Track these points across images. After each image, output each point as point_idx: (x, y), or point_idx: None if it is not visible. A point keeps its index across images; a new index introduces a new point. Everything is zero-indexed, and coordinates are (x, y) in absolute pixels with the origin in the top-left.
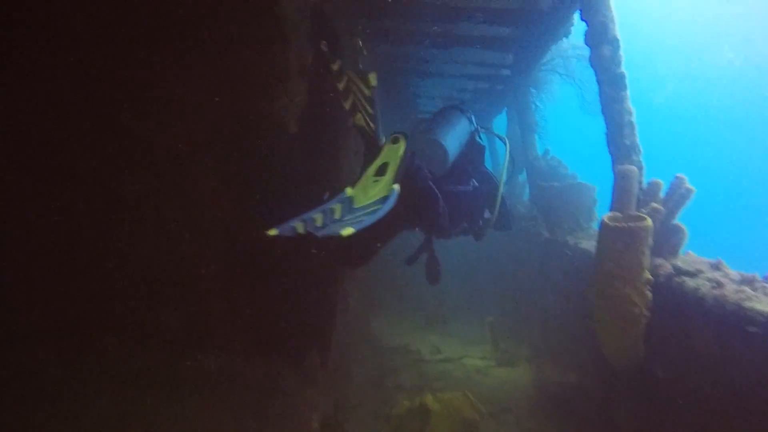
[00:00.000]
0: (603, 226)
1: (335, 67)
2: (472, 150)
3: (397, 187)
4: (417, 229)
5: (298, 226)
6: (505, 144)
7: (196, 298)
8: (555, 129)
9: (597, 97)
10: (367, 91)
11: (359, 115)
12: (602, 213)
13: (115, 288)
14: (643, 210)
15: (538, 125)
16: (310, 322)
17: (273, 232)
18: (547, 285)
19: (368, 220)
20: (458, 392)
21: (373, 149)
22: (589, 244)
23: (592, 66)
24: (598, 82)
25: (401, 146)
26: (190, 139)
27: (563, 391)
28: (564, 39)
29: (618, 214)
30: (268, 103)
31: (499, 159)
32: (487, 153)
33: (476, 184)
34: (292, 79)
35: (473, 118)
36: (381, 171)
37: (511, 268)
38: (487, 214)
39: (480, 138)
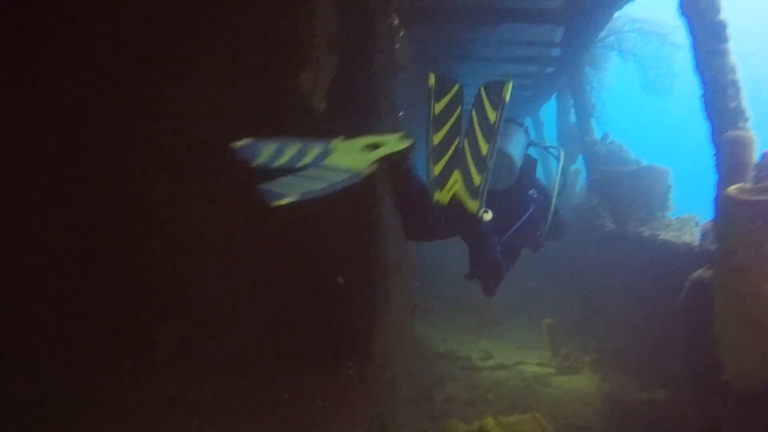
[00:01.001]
0: (728, 202)
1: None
2: (527, 163)
3: (368, 170)
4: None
5: (266, 147)
6: (559, 156)
7: (215, 305)
8: (614, 112)
9: (661, 76)
10: None
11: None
12: (678, 200)
13: (131, 304)
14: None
15: (596, 108)
16: (347, 328)
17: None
18: (612, 283)
19: (309, 195)
20: (526, 415)
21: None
22: (671, 235)
23: (683, 13)
24: (692, 33)
25: (403, 146)
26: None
27: (647, 409)
28: (619, 14)
29: (745, 185)
30: (291, 76)
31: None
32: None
33: (535, 194)
34: (318, 50)
35: (528, 131)
36: (373, 147)
37: (567, 264)
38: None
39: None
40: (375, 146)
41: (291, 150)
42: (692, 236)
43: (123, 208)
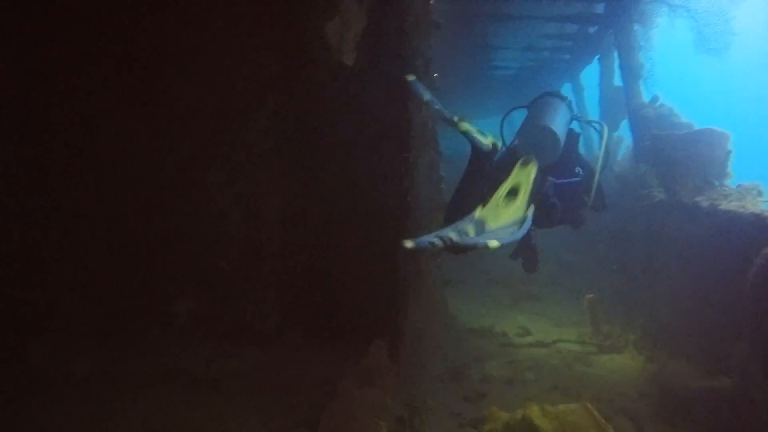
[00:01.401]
0: None
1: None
2: (571, 138)
3: (531, 212)
4: None
5: (436, 241)
6: (602, 131)
7: (238, 278)
8: (664, 73)
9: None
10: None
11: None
12: (738, 168)
13: (153, 275)
14: None
15: (644, 69)
16: (376, 303)
17: (409, 244)
18: (664, 258)
19: (508, 238)
20: (575, 405)
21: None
22: (734, 205)
23: None
24: None
25: (532, 169)
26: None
27: (707, 397)
28: None
29: None
30: (316, 26)
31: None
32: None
33: (581, 171)
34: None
35: (572, 105)
36: (513, 193)
37: (609, 237)
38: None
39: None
40: (514, 190)
41: (452, 235)
42: (758, 206)
43: (150, 189)
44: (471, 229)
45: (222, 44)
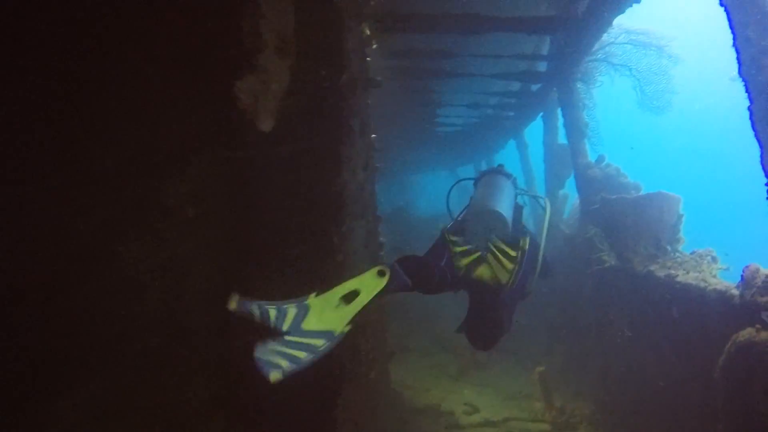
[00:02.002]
0: None
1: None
2: (516, 211)
3: (347, 329)
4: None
5: (254, 310)
6: (545, 206)
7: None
8: (607, 132)
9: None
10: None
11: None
12: (691, 232)
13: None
14: None
15: (588, 127)
16: (308, 393)
17: (233, 304)
18: (614, 325)
19: (296, 364)
20: None
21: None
22: (693, 277)
23: (723, 3)
24: (736, 27)
25: (383, 282)
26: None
27: None
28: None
29: None
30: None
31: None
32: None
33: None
34: (266, 53)
35: (516, 181)
36: (349, 298)
37: (559, 302)
38: None
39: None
40: (353, 294)
41: (272, 312)
42: (719, 281)
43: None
44: (291, 316)
45: (141, 99)
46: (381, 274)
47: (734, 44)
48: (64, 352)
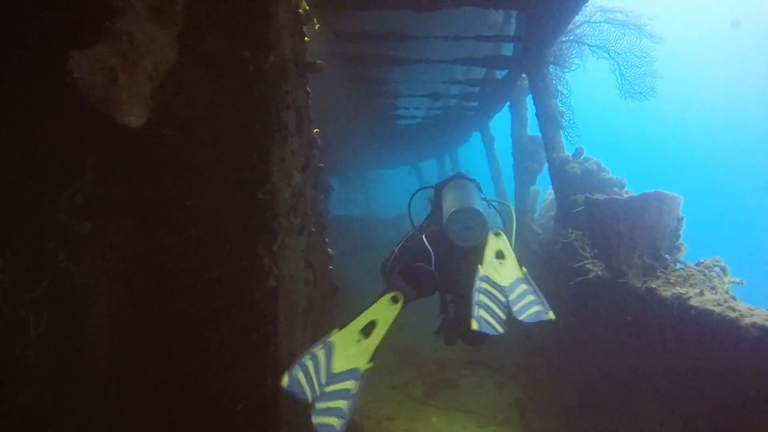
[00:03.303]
0: None
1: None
2: None
3: (371, 365)
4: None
5: (301, 377)
6: (509, 211)
7: None
8: (584, 121)
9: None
10: None
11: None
12: (692, 239)
13: None
14: None
15: (564, 116)
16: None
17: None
18: (598, 345)
19: (343, 417)
20: None
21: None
22: (711, 300)
23: None
24: None
25: (398, 308)
26: None
27: None
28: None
29: None
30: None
31: None
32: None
33: None
34: (130, 15)
35: (479, 186)
36: (367, 330)
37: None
38: None
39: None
40: (371, 325)
41: (309, 366)
42: (738, 301)
43: None
44: (321, 356)
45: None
46: (394, 300)
47: None
48: None
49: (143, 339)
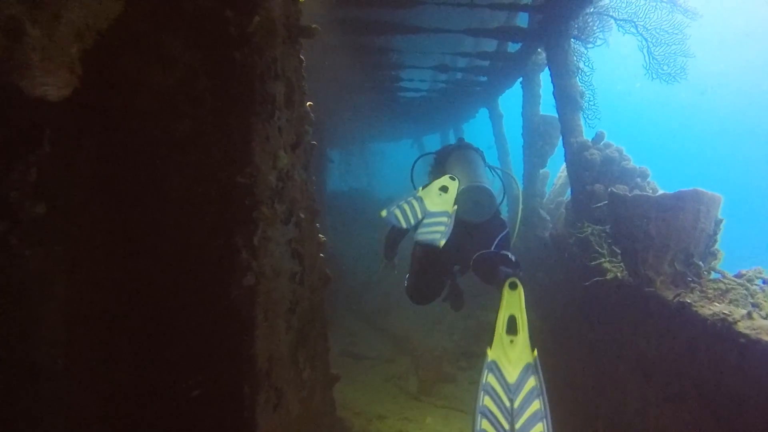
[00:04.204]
0: None
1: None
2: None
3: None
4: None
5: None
6: (515, 193)
7: None
8: (605, 103)
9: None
10: None
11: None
12: (730, 242)
13: None
14: None
15: (584, 97)
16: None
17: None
18: (607, 352)
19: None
20: None
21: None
22: (764, 327)
23: None
24: None
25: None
26: None
27: None
28: None
29: None
30: None
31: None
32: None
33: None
34: None
35: (483, 155)
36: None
37: (536, 298)
38: None
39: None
40: (444, 188)
41: (408, 208)
42: None
43: None
44: (415, 201)
45: None
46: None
47: None
48: None
49: (105, 335)
